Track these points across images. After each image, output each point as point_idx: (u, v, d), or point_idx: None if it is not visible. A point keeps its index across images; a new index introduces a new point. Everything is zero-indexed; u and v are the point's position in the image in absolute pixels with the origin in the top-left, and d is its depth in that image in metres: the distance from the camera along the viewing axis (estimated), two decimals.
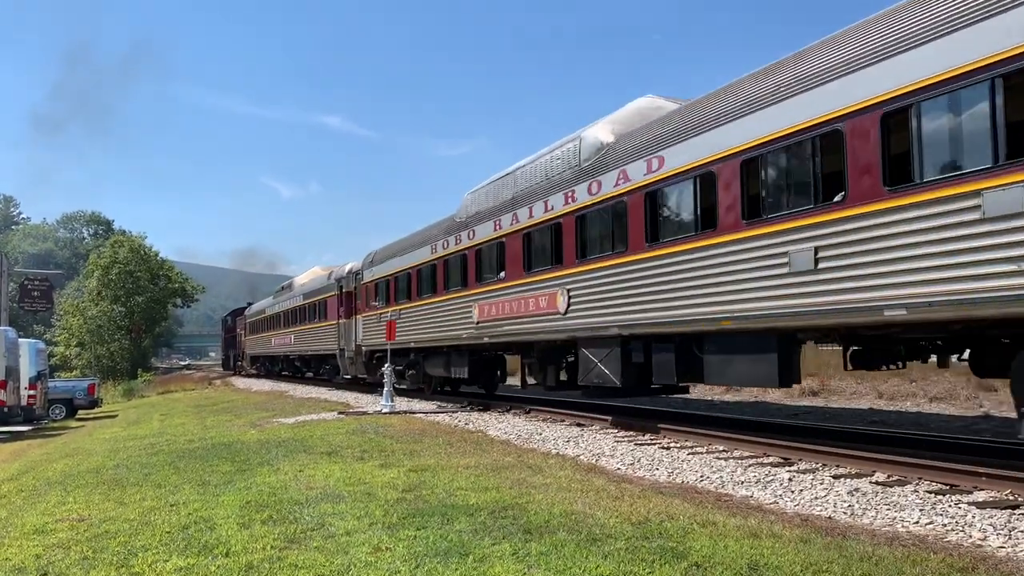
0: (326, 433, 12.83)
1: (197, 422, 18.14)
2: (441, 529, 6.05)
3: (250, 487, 8.21)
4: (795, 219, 8.60)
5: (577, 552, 5.30)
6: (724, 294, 9.57)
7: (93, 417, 29.07)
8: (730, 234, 9.52)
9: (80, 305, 62.08)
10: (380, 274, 23.41)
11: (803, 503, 7.01)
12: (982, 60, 6.74)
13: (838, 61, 8.19)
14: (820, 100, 8.29)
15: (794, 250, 8.57)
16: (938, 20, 7.16)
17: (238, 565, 5.35)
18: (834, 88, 8.12)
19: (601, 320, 12.15)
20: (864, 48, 7.91)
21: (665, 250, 10.71)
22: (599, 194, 12.25)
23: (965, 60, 6.85)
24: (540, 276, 14.04)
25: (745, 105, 9.41)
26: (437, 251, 19.02)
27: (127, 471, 10.20)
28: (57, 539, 6.46)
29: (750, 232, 9.21)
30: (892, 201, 7.51)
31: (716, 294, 9.69)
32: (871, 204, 7.70)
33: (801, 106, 8.53)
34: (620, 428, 12.52)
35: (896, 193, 7.48)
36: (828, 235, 8.17)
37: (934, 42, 7.15)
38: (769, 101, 9.02)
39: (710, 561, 5.02)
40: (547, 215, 13.81)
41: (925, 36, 7.25)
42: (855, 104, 7.87)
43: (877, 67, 7.67)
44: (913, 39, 7.36)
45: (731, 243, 9.51)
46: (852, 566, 4.87)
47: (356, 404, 19.70)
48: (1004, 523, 5.98)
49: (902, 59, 7.43)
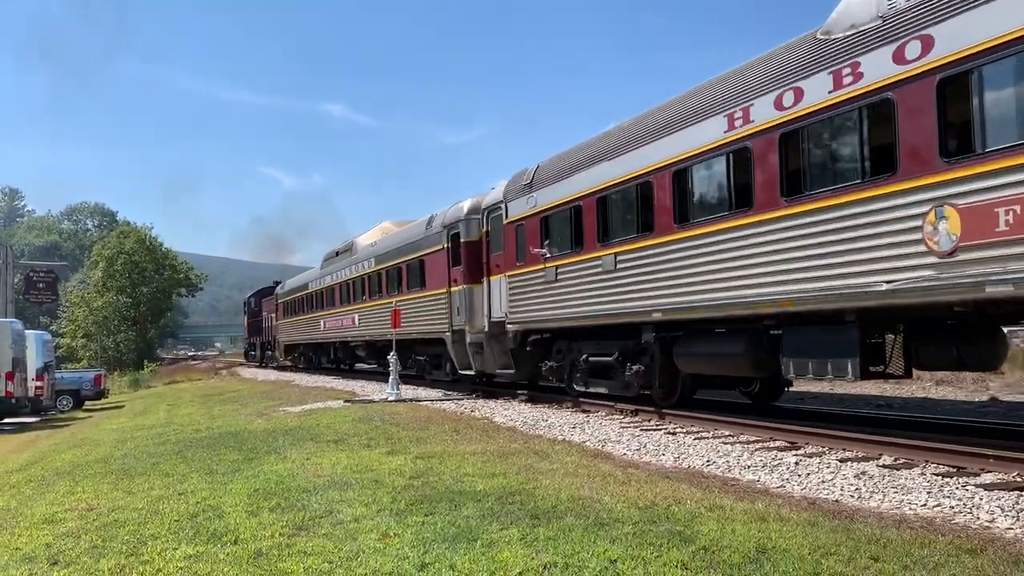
0: (333, 421, 12.86)
1: (204, 412, 18.19)
2: (449, 515, 6.07)
3: (258, 475, 8.23)
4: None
5: (585, 536, 5.31)
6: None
7: (100, 408, 29.21)
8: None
9: (86, 296, 62.27)
10: (555, 200, 13.88)
11: (810, 487, 7.01)
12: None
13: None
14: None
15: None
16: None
17: (247, 552, 5.37)
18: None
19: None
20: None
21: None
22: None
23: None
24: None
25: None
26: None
27: (135, 461, 10.24)
28: (67, 528, 6.49)
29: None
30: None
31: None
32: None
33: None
34: (626, 414, 12.52)
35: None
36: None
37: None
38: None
39: (718, 545, 5.03)
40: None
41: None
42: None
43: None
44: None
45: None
46: (860, 549, 4.87)
47: (362, 392, 19.74)
48: (1012, 505, 5.97)
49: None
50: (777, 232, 9.11)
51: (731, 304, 9.77)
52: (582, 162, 13.34)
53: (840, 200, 8.27)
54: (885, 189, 7.78)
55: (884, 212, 7.78)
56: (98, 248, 68.27)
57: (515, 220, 15.33)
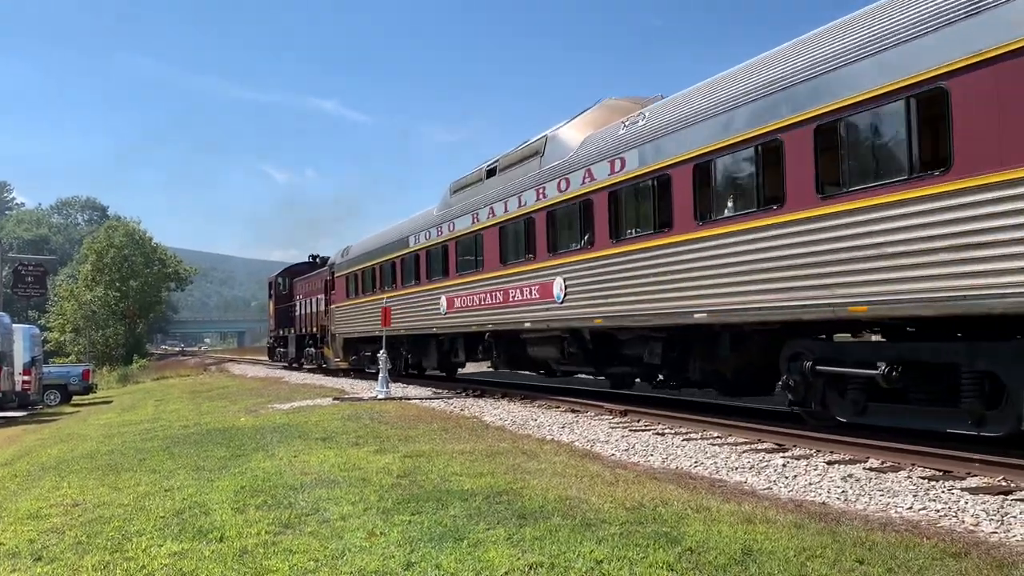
0: (321, 419, 12.82)
1: (192, 408, 18.12)
2: (436, 514, 6.06)
3: (245, 472, 8.20)
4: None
5: (571, 537, 5.31)
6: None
7: (88, 403, 29.07)
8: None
9: (74, 290, 61.97)
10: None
11: (797, 489, 7.03)
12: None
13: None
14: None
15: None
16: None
17: (232, 550, 5.35)
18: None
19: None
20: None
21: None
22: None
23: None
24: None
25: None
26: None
27: (122, 456, 10.19)
28: (51, 524, 6.45)
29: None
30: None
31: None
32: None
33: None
34: (615, 415, 12.54)
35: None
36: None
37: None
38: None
39: (704, 546, 5.03)
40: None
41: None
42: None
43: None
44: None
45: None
46: (845, 551, 4.89)
47: (352, 390, 19.69)
48: (997, 509, 6.00)
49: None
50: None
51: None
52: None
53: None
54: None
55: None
56: (88, 242, 68.02)
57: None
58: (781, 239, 8.95)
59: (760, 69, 9.64)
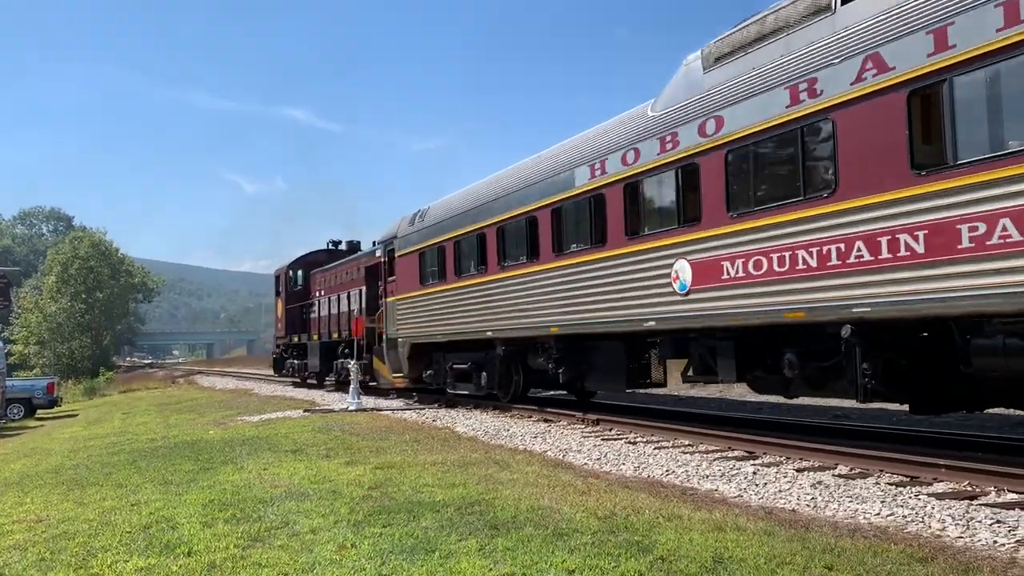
0: (291, 431, 12.71)
1: (160, 421, 17.88)
2: (407, 526, 6.02)
3: (213, 486, 8.10)
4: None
5: (543, 547, 5.30)
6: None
7: (53, 416, 28.52)
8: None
9: (39, 302, 60.94)
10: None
11: (767, 496, 7.08)
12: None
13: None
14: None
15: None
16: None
17: (200, 564, 5.27)
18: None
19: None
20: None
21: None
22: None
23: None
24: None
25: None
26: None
27: (87, 471, 10.02)
28: (14, 540, 6.32)
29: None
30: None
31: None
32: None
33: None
34: (587, 424, 12.55)
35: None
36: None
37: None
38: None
39: (675, 554, 5.05)
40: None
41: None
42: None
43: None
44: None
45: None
46: (815, 558, 4.93)
47: (323, 402, 19.54)
48: (962, 514, 6.08)
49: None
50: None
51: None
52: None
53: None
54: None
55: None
56: (52, 253, 66.96)
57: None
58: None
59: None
